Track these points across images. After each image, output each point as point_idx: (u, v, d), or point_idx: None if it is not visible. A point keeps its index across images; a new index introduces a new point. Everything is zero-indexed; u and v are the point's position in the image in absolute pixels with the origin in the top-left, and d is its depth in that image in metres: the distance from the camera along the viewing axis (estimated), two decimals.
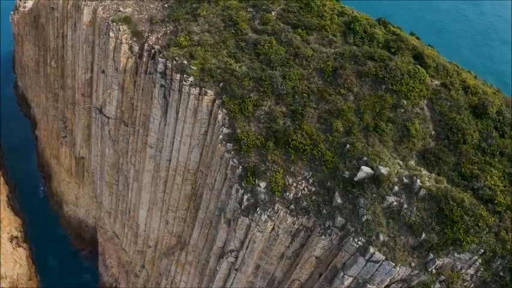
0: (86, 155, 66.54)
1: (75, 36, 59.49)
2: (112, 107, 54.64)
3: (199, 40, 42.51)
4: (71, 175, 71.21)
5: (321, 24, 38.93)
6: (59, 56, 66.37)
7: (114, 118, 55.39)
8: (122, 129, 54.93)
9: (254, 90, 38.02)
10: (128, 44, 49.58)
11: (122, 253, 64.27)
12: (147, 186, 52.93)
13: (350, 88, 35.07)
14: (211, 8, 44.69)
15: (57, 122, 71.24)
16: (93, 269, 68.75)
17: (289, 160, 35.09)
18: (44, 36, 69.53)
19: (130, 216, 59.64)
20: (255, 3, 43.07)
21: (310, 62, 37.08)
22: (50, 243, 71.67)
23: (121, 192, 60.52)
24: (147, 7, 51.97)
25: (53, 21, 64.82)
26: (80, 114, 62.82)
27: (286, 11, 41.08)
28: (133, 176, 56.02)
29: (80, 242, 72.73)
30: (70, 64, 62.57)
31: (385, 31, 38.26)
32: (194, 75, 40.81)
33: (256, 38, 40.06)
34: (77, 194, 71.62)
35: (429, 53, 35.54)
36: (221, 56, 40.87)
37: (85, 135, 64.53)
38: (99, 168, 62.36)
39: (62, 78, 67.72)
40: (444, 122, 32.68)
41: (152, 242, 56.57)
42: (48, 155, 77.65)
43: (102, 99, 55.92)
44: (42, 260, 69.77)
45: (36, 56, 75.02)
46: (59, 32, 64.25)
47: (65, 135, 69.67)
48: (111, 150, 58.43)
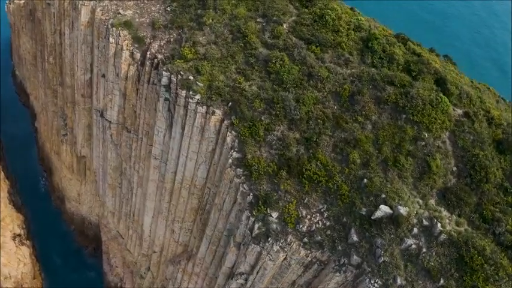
0: (87, 154, 64.87)
1: (72, 36, 56.63)
2: (113, 112, 52.60)
3: (205, 53, 40.07)
4: (73, 172, 69.73)
5: (336, 41, 36.53)
6: (56, 52, 63.50)
7: (116, 123, 53.41)
8: (125, 135, 53.10)
9: (265, 112, 36.10)
10: (129, 51, 47.01)
11: (126, 253, 63.71)
12: (151, 195, 51.66)
13: (368, 116, 33.22)
14: (218, 16, 41.96)
15: (57, 118, 69.06)
16: (98, 266, 68.31)
17: (303, 191, 33.67)
18: (40, 31, 66.33)
19: (135, 219, 58.67)
20: (264, 13, 40.38)
21: (325, 84, 35.00)
22: (53, 240, 70.77)
23: (124, 196, 59.31)
24: (149, 10, 49.03)
25: (49, 16, 61.61)
26: (80, 114, 60.72)
27: (298, 23, 38.49)
28: (137, 182, 54.63)
29: (83, 239, 71.93)
30: (68, 63, 59.89)
31: (404, 50, 35.97)
32: (201, 93, 38.72)
33: (267, 54, 37.70)
34: (79, 191, 70.38)
35: (452, 78, 33.50)
36: (229, 73, 38.64)
37: (86, 135, 62.67)
38: (101, 170, 60.92)
39: (60, 76, 65.06)
40: (467, 158, 31.11)
41: (157, 248, 55.88)
42: (48, 149, 75.91)
43: (103, 104, 53.80)
44: (46, 258, 69.01)
45: (33, 50, 71.90)
46: (56, 29, 61.19)
47: (65, 133, 67.67)
48: (114, 153, 56.78)
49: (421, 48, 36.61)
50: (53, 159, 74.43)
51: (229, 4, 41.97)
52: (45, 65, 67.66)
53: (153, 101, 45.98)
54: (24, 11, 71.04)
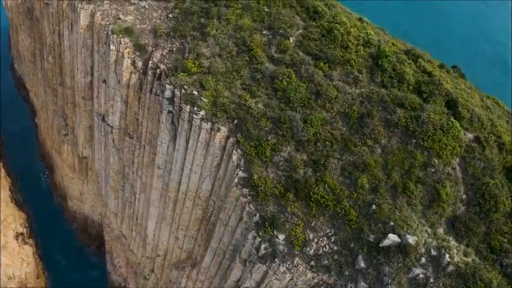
0: (89, 155, 64.30)
1: (72, 38, 55.31)
2: (115, 117, 51.82)
3: (209, 66, 39.14)
4: (74, 171, 69.30)
5: (345, 58, 35.61)
6: (56, 52, 62.15)
7: (118, 128, 52.74)
8: (127, 141, 52.44)
9: (272, 132, 35.50)
10: (131, 59, 45.93)
11: (129, 254, 63.88)
12: (155, 202, 51.40)
13: (377, 139, 32.68)
14: (222, 26, 40.81)
15: (57, 118, 68.14)
16: (101, 265, 68.60)
17: (310, 214, 33.39)
18: (39, 30, 64.67)
19: (138, 222, 58.57)
20: (270, 25, 39.25)
21: (334, 105, 34.31)
22: (56, 238, 70.62)
23: (127, 199, 59.06)
24: (150, 15, 47.70)
25: (48, 16, 60.02)
26: (81, 115, 59.88)
27: (306, 37, 37.43)
28: (140, 187, 54.29)
29: (86, 237, 71.89)
30: (68, 64, 58.68)
31: (415, 68, 35.11)
32: (205, 109, 38.00)
33: (273, 70, 36.80)
34: (81, 189, 70.08)
35: (463, 100, 32.85)
36: (234, 88, 37.83)
37: (87, 136, 61.96)
38: (103, 172, 60.50)
39: (60, 76, 63.83)
40: (477, 186, 30.76)
41: (161, 252, 55.96)
42: (49, 147, 75.20)
43: (105, 109, 52.98)
44: (49, 257, 69.13)
45: (32, 47, 70.31)
46: (54, 29, 59.65)
47: (66, 133, 66.90)
48: (116, 157, 56.25)
49: (431, 66, 35.74)
50: (54, 157, 73.89)
51: (233, 14, 40.78)
52: (44, 64, 66.43)
53: (155, 111, 45.27)
54: (22, 8, 69.21)
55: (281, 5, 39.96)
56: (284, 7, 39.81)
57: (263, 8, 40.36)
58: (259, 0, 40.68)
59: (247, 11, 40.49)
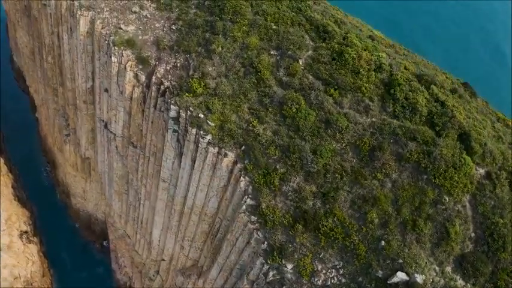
0: (91, 157, 63.77)
1: (71, 42, 53.75)
2: (118, 126, 51.02)
3: (215, 88, 38.20)
4: (77, 170, 68.79)
5: (356, 85, 34.70)
6: (55, 53, 60.50)
7: (121, 136, 52.10)
8: (131, 149, 51.93)
9: (281, 161, 35.01)
10: (133, 72, 44.79)
11: (134, 254, 64.30)
12: (160, 211, 51.29)
13: (388, 174, 32.29)
14: (228, 43, 39.56)
15: (58, 117, 67.14)
16: (106, 262, 69.35)
17: (319, 245, 33.40)
18: (37, 29, 62.63)
19: (143, 226, 58.65)
20: (278, 45, 38.00)
21: (344, 135, 33.69)
22: (60, 236, 70.68)
23: (132, 203, 58.96)
24: (152, 26, 46.16)
25: (46, 17, 58.06)
26: (82, 118, 58.95)
27: (316, 60, 36.32)
28: (145, 195, 54.06)
29: (90, 234, 72.18)
30: (68, 67, 57.27)
31: (428, 96, 34.23)
32: (212, 133, 37.36)
33: (282, 95, 35.89)
34: (84, 187, 69.79)
35: (476, 133, 32.29)
36: (242, 112, 37.03)
37: (90, 139, 61.20)
38: (107, 176, 60.08)
39: (60, 76, 62.35)
40: (486, 225, 30.67)
41: (167, 257, 56.31)
42: (51, 143, 74.35)
43: (107, 116, 52.13)
44: (54, 254, 69.44)
45: (31, 45, 68.19)
46: (53, 30, 57.96)
47: (67, 133, 66.04)
48: (119, 163, 55.75)
49: (444, 93, 34.84)
50: (55, 154, 73.23)
51: (240, 31, 39.46)
52: (43, 63, 64.76)
53: (160, 127, 44.54)
54: (19, 6, 66.87)
55: (289, 23, 38.66)
56: (293, 25, 38.53)
57: (271, 25, 39.03)
58: (267, 17, 39.34)
59: (254, 28, 39.18)
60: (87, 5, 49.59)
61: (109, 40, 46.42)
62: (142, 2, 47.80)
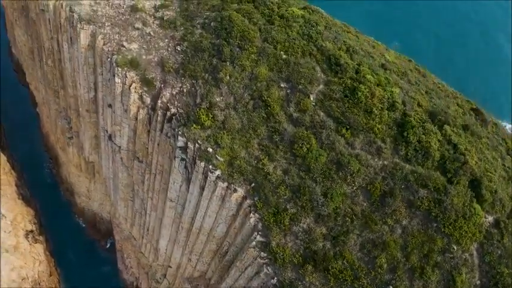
0: (96, 161, 63.35)
1: (72, 51, 52.14)
2: (123, 141, 50.30)
3: (224, 121, 37.42)
4: (81, 170, 68.47)
5: (368, 125, 34.05)
6: (55, 58, 58.60)
7: (126, 150, 51.56)
8: (136, 164, 51.56)
9: (291, 201, 34.86)
10: (138, 94, 43.79)
11: (141, 256, 65.07)
12: (167, 226, 51.40)
13: (398, 220, 32.37)
14: (236, 72, 38.37)
15: (60, 119, 66.13)
16: (112, 261, 70.19)
17: (328, 285, 33.88)
18: (36, 31, 60.55)
19: (149, 233, 59.07)
20: (289, 77, 36.88)
21: (356, 178, 33.44)
22: (65, 234, 70.47)
23: (138, 210, 59.05)
24: (156, 45, 44.59)
25: (44, 22, 55.82)
26: (85, 125, 58.17)
27: (327, 96, 35.40)
28: (151, 206, 54.07)
29: (95, 233, 72.80)
30: (69, 75, 55.66)
31: (441, 138, 33.78)
32: (221, 169, 36.97)
33: (292, 133, 35.23)
34: (89, 187, 69.48)
35: (487, 182, 32.18)
36: (251, 149, 36.47)
37: (93, 144, 60.51)
38: (112, 182, 59.83)
39: (61, 80, 60.88)
40: (491, 274, 31.19)
41: (174, 265, 56.93)
42: (53, 141, 73.09)
43: (111, 130, 51.45)
44: (60, 252, 69.94)
45: (30, 45, 65.70)
46: (53, 36, 56.14)
47: (70, 136, 65.05)
48: (125, 173, 55.32)
49: (457, 133, 34.36)
50: (58, 152, 72.39)
51: (248, 59, 38.21)
52: (43, 65, 63.16)
53: (167, 150, 43.98)
54: (16, 5, 64.24)
55: (300, 52, 37.41)
56: (303, 55, 37.30)
57: (280, 54, 37.77)
58: (277, 45, 38.00)
59: (263, 57, 37.93)
60: (87, 18, 47.88)
61: (112, 59, 45.09)
62: (145, 19, 46.18)
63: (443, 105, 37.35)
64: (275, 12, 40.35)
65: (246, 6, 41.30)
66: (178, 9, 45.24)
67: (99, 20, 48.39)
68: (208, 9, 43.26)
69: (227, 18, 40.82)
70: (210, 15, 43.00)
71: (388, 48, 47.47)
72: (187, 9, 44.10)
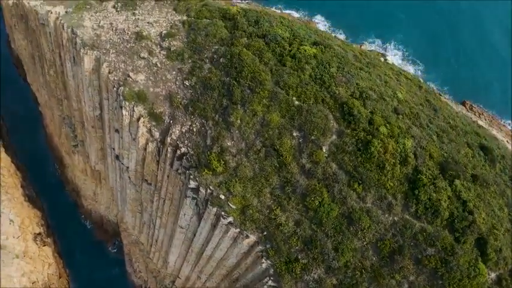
0: (102, 170, 63.22)
1: (76, 70, 50.89)
2: (131, 163, 50.08)
3: (236, 168, 37.27)
4: (87, 175, 68.60)
5: (381, 181, 34.21)
6: (57, 70, 57.14)
7: (134, 171, 51.47)
8: (145, 186, 51.60)
9: (303, 252, 35.56)
10: (146, 127, 43.31)
11: (149, 261, 66.24)
12: (177, 246, 51.93)
13: (406, 276, 33.27)
14: (247, 116, 37.75)
15: (64, 126, 65.25)
16: (121, 262, 71.28)
17: None
18: (36, 39, 58.62)
19: (158, 245, 59.87)
20: (301, 126, 36.39)
21: (366, 234, 34.06)
22: (73, 234, 70.93)
23: (146, 222, 59.56)
24: (163, 77, 43.49)
25: (45, 35, 53.98)
26: (91, 138, 57.76)
27: (340, 149, 35.18)
28: (160, 224, 54.52)
29: (102, 234, 73.58)
30: (73, 91, 54.52)
31: (451, 194, 34.13)
32: (234, 216, 37.33)
33: (305, 186, 35.36)
34: (95, 191, 69.48)
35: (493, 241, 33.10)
36: (264, 198, 36.63)
37: (100, 155, 60.27)
38: (119, 195, 60.10)
39: (64, 90, 59.57)
40: None
41: (183, 277, 58.24)
42: (57, 143, 72.39)
43: (119, 151, 51.18)
44: (68, 254, 70.69)
45: (30, 51, 63.35)
46: (54, 50, 54.45)
47: (75, 144, 64.47)
48: (132, 190, 55.39)
49: (467, 189, 34.67)
50: (63, 155, 71.98)
51: (260, 104, 37.52)
52: (45, 73, 61.54)
53: (177, 184, 44.02)
54: (15, 11, 61.74)
55: (312, 98, 36.74)
56: (316, 101, 36.66)
57: (293, 100, 37.09)
58: (289, 90, 37.26)
59: (275, 103, 37.25)
60: (90, 43, 46.49)
61: (118, 90, 44.17)
62: (151, 48, 44.80)
63: (454, 150, 37.42)
64: (286, 50, 39.31)
65: (256, 42, 40.18)
66: (186, 40, 44.12)
67: (103, 45, 47.09)
68: (216, 41, 42.10)
69: (237, 55, 39.76)
70: (219, 49, 41.96)
71: (400, 74, 46.76)
72: (195, 40, 42.83)
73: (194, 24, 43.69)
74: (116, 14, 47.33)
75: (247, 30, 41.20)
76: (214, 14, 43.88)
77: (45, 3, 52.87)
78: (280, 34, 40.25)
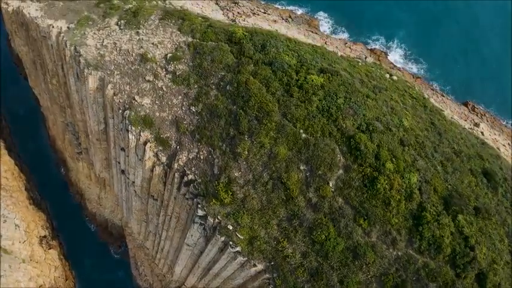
0: (107, 178, 63.41)
1: (79, 85, 50.39)
2: (137, 180, 50.47)
3: (244, 199, 37.76)
4: (91, 180, 68.93)
5: (386, 217, 34.85)
6: (60, 80, 56.55)
7: (140, 187, 51.83)
8: (151, 201, 52.03)
9: (309, 283, 36.55)
10: (153, 152, 43.47)
11: (154, 266, 67.28)
12: (183, 259, 52.83)
13: None
14: (254, 147, 37.94)
15: (67, 132, 65.01)
16: (126, 264, 72.20)
17: None
18: (37, 48, 57.69)
19: (164, 253, 60.67)
20: (308, 160, 36.68)
21: (370, 268, 35.02)
22: (78, 236, 71.57)
23: (152, 231, 60.14)
24: (169, 102, 43.29)
25: (47, 47, 53.21)
26: (96, 149, 57.80)
27: (346, 184, 35.66)
28: (166, 237, 55.20)
29: (107, 236, 74.39)
30: (77, 104, 54.10)
31: (454, 229, 35.00)
32: (241, 246, 38.01)
33: (312, 220, 36.03)
34: (100, 195, 69.99)
35: (492, 276, 34.14)
36: (271, 229, 37.32)
37: (104, 164, 60.43)
38: (125, 205, 60.53)
39: (67, 99, 59.15)
40: None
41: (188, 286, 59.37)
42: (61, 146, 72.65)
43: (125, 168, 51.42)
44: (74, 256, 70.95)
45: (31, 57, 62.60)
46: (57, 62, 53.71)
47: (79, 151, 64.61)
48: (138, 202, 56.01)
49: (469, 224, 35.47)
50: (67, 159, 72.00)
51: (267, 136, 37.66)
52: (47, 81, 60.76)
53: (184, 207, 44.51)
54: (14, 18, 60.52)
55: (320, 131, 36.89)
56: (323, 134, 36.82)
57: (300, 133, 37.23)
58: (296, 123, 37.33)
59: (282, 135, 37.39)
60: (94, 63, 46.07)
61: (124, 114, 44.03)
62: (156, 70, 44.43)
63: (458, 181, 38.05)
64: (293, 79, 39.13)
65: (263, 70, 39.88)
66: (191, 64, 43.66)
67: (107, 66, 46.64)
68: (223, 68, 41.77)
69: (243, 84, 39.59)
70: (226, 76, 41.69)
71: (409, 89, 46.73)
72: (201, 65, 42.44)
73: (199, 47, 43.27)
74: (119, 33, 46.76)
75: (254, 57, 40.89)
76: (220, 37, 43.45)
77: (46, 16, 52.14)
78: (287, 62, 40.00)
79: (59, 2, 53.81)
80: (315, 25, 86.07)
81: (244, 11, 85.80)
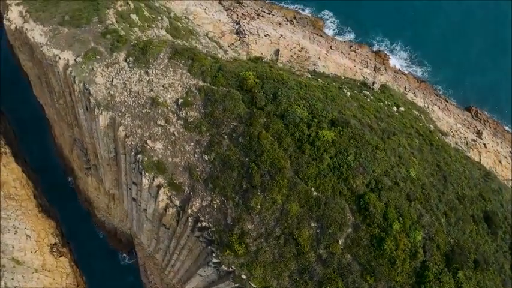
0: (117, 195, 64.35)
1: (88, 115, 50.41)
2: (149, 209, 51.85)
3: (257, 252, 39.40)
4: (99, 192, 70.04)
5: (391, 275, 36.77)
6: (68, 104, 56.22)
7: (152, 215, 53.16)
8: (162, 230, 53.41)
9: None
10: (167, 195, 44.54)
11: (164, 276, 69.43)
12: (194, 283, 55.00)
13: None
14: (267, 203, 39.23)
15: (76, 147, 65.19)
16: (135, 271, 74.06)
17: None
18: (43, 69, 56.90)
19: (174, 270, 62.55)
20: (319, 217, 38.23)
21: None
22: (87, 243, 73.13)
23: (162, 249, 61.88)
24: (182, 148, 43.90)
25: (53, 72, 52.71)
26: (106, 172, 58.67)
27: (355, 242, 37.41)
28: (177, 258, 56.83)
29: (116, 243, 76.02)
30: (87, 130, 54.37)
31: (453, 286, 37.10)
32: None
33: (321, 275, 37.90)
34: (108, 204, 71.31)
35: None
36: (283, 281, 39.32)
37: (114, 183, 61.34)
38: (135, 223, 61.92)
39: (76, 120, 59.18)
40: None
41: None
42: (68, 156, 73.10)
43: (136, 197, 52.48)
44: (84, 261, 70.83)
45: (36, 72, 60.08)
46: (64, 88, 53.12)
47: (88, 167, 65.29)
48: (149, 225, 57.46)
49: (468, 280, 37.53)
50: (75, 169, 72.63)
51: (279, 193, 38.97)
52: (54, 100, 60.21)
53: (198, 248, 45.88)
54: (17, 36, 59.12)
55: (330, 190, 38.14)
56: (334, 193, 38.13)
57: (311, 190, 38.52)
58: (307, 181, 38.45)
59: (294, 192, 38.70)
60: (104, 104, 46.29)
61: (137, 158, 44.71)
62: (168, 115, 44.76)
63: (460, 232, 39.89)
64: (305, 135, 39.86)
65: (275, 123, 40.46)
66: (203, 111, 43.93)
67: (117, 108, 46.76)
68: (234, 118, 42.21)
69: (256, 138, 40.31)
70: (238, 126, 42.26)
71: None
72: (213, 114, 42.80)
73: (210, 93, 43.55)
74: (128, 72, 46.66)
75: (266, 109, 41.39)
76: (231, 82, 43.63)
77: (51, 45, 51.23)
78: (298, 115, 40.58)
79: (63, 28, 52.87)
80: (320, 26, 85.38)
81: (248, 11, 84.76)
